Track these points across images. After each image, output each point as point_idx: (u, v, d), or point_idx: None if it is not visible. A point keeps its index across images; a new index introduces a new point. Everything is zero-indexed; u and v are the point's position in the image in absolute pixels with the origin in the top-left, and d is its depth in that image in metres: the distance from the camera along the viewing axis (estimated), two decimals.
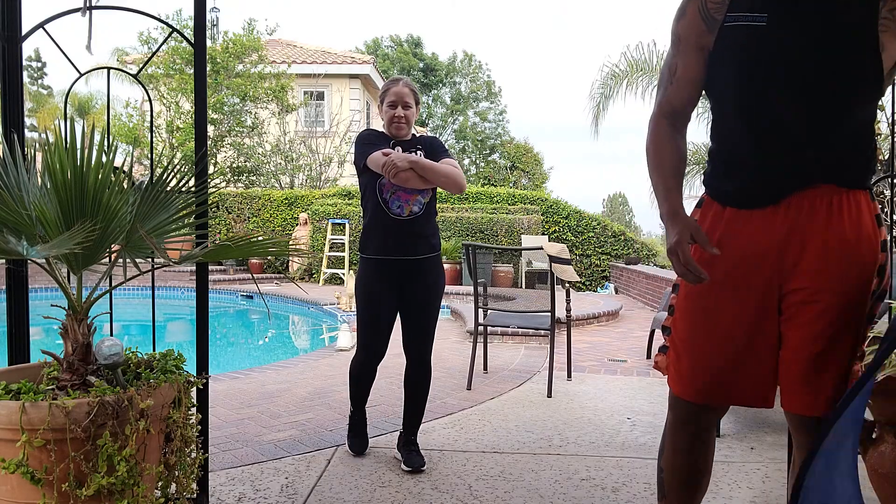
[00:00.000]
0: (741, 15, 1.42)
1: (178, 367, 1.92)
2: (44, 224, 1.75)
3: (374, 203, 2.77)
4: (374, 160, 2.71)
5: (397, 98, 2.79)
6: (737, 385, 1.53)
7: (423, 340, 2.91)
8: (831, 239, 1.42)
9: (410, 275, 2.81)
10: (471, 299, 6.79)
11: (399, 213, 2.75)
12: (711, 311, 1.53)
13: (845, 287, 1.42)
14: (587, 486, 2.61)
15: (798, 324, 1.46)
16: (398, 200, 2.75)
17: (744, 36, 1.43)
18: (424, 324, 2.89)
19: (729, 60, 1.46)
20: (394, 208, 2.75)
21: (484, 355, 4.86)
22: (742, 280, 1.50)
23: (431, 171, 2.72)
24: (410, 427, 2.93)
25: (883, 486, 1.93)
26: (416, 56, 33.37)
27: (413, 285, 2.82)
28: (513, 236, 11.96)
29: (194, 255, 1.96)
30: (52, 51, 34.87)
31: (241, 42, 13.73)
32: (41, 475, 1.58)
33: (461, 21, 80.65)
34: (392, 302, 2.84)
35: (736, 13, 1.43)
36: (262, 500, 2.45)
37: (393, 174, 2.64)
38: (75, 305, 1.79)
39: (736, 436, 3.27)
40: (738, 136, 1.50)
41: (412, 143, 2.86)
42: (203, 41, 2.24)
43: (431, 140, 2.92)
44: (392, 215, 2.74)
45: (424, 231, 2.82)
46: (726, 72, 1.47)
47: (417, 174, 2.69)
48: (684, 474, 1.66)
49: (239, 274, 11.82)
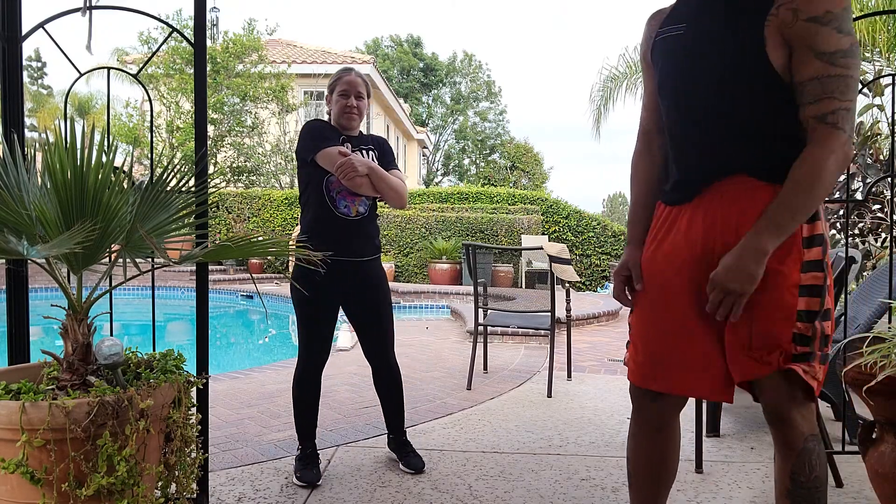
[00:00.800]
0: (667, 28, 1.61)
1: (178, 367, 1.92)
2: (44, 224, 1.75)
3: (319, 200, 2.63)
4: (327, 157, 2.57)
5: (350, 87, 2.66)
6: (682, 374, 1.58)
7: (386, 345, 2.81)
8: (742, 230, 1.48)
9: (357, 277, 2.68)
10: (471, 299, 6.79)
11: (346, 212, 2.64)
12: (656, 304, 1.62)
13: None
14: (587, 486, 2.61)
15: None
16: (344, 200, 2.64)
17: (665, 46, 1.60)
18: (385, 328, 2.79)
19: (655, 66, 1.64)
20: (341, 207, 2.63)
21: (484, 355, 4.86)
22: (677, 274, 1.58)
23: (384, 183, 2.63)
24: (397, 427, 2.88)
25: (883, 486, 1.94)
26: (416, 56, 33.35)
27: (363, 289, 2.70)
28: (513, 236, 11.96)
29: (194, 255, 1.96)
30: (52, 51, 34.90)
31: (241, 42, 13.74)
32: (41, 475, 1.58)
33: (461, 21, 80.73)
34: (336, 305, 2.71)
35: (664, 27, 1.62)
36: (262, 500, 2.45)
37: (350, 178, 2.53)
38: (75, 305, 1.79)
39: (736, 436, 3.27)
40: (668, 138, 1.65)
41: (362, 141, 2.74)
42: (203, 41, 2.25)
43: (382, 142, 2.81)
44: (339, 214, 2.63)
45: (371, 231, 2.72)
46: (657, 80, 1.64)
47: (371, 182, 2.60)
48: (641, 466, 1.70)
49: (239, 274, 11.82)
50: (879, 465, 1.94)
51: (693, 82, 1.54)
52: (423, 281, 12.05)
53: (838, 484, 2.59)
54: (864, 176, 5.15)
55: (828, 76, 1.40)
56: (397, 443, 2.87)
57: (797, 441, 1.47)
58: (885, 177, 3.41)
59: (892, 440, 1.93)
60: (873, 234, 5.33)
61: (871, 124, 5.38)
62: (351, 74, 2.69)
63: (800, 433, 1.47)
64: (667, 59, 1.60)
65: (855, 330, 2.98)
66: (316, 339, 2.70)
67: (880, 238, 5.31)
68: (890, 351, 1.89)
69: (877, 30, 6.15)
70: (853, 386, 1.97)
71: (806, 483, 1.47)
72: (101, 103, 23.60)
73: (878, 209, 5.36)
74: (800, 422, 1.47)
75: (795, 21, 1.41)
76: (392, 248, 12.38)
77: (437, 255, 11.79)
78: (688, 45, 1.55)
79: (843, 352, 2.19)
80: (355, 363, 5.11)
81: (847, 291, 2.64)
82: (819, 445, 1.49)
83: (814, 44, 1.40)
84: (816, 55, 1.40)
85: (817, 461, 1.48)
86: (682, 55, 1.56)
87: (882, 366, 1.86)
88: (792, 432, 1.48)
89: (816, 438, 1.49)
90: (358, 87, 2.68)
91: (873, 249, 5.20)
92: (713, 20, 1.53)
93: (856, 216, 5.38)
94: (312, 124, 2.69)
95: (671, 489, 1.77)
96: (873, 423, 2.03)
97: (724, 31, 1.50)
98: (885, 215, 5.27)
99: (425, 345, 6.08)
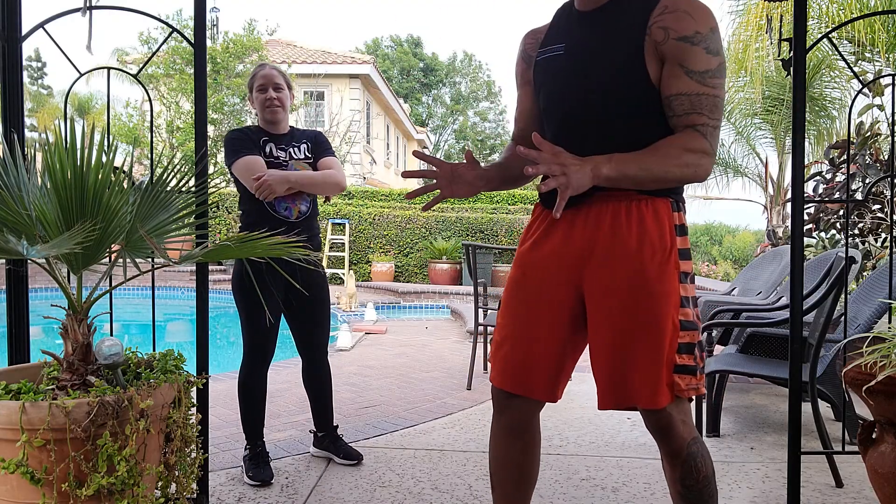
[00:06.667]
0: (547, 49, 1.64)
1: (178, 367, 1.92)
2: (44, 224, 1.75)
3: (257, 205, 2.60)
4: (242, 172, 2.55)
5: (266, 81, 2.65)
6: (531, 377, 1.61)
7: (322, 344, 2.81)
8: (615, 244, 1.51)
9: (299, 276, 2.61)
10: (471, 299, 6.79)
11: (287, 214, 2.61)
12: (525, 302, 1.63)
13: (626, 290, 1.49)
14: (587, 486, 2.61)
15: (592, 327, 1.55)
16: (284, 202, 2.62)
17: (546, 65, 1.63)
18: (322, 327, 2.80)
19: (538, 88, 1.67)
20: (280, 210, 2.61)
21: (484, 355, 4.86)
22: (548, 278, 1.60)
23: (314, 185, 2.62)
24: (328, 423, 2.87)
25: (883, 486, 1.93)
26: (416, 56, 33.36)
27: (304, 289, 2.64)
28: (513, 236, 11.96)
29: (194, 255, 1.96)
30: (52, 51, 34.89)
31: (242, 42, 13.73)
32: (41, 475, 1.58)
33: (461, 21, 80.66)
34: (279, 301, 2.68)
35: (544, 48, 1.65)
36: (262, 500, 2.44)
37: (269, 198, 2.53)
38: (75, 305, 1.79)
39: (736, 436, 3.27)
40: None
41: (293, 137, 2.72)
42: (203, 41, 2.24)
43: (315, 135, 2.79)
44: (280, 217, 2.60)
45: (312, 231, 2.70)
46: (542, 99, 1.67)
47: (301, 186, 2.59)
48: (500, 466, 1.71)
49: None
50: (879, 465, 1.94)
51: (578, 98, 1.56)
52: (423, 281, 12.04)
53: (838, 484, 2.59)
54: (864, 176, 5.15)
55: (696, 94, 1.45)
56: (332, 437, 2.87)
57: (681, 449, 1.51)
58: (886, 177, 3.41)
59: (892, 440, 1.92)
60: (873, 234, 5.33)
61: (871, 124, 5.38)
62: (266, 69, 2.69)
63: (682, 441, 1.51)
64: (551, 78, 1.62)
65: (855, 330, 2.98)
66: (261, 335, 2.67)
67: (880, 238, 5.31)
68: (890, 351, 1.89)
69: (876, 30, 6.16)
70: (853, 386, 1.97)
71: (695, 486, 1.52)
72: (101, 103, 23.60)
73: (878, 209, 5.36)
74: (681, 429, 1.50)
75: (667, 39, 1.46)
76: (392, 248, 12.38)
77: (437, 255, 11.79)
78: (569, 64, 1.58)
79: (843, 352, 2.19)
80: (355, 363, 5.11)
81: (847, 291, 2.64)
82: (701, 447, 1.53)
83: (683, 62, 1.45)
84: (686, 73, 1.45)
85: (702, 462, 1.52)
86: (566, 73, 1.58)
87: (882, 366, 1.86)
88: (675, 440, 1.51)
89: (697, 441, 1.53)
90: (274, 78, 2.67)
91: (873, 249, 5.20)
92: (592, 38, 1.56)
93: (856, 216, 5.38)
94: (230, 134, 2.67)
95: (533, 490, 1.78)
96: (873, 423, 2.02)
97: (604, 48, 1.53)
98: (885, 215, 5.26)
99: (425, 345, 6.08)
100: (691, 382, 1.50)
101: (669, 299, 1.48)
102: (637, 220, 1.51)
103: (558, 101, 1.60)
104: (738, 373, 3.21)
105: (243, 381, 2.71)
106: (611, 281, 1.51)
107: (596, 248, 1.54)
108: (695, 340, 1.51)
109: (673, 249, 1.51)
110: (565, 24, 1.64)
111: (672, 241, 1.52)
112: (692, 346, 1.51)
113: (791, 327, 2.24)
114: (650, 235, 1.50)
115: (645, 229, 1.50)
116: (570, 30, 1.62)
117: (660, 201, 1.52)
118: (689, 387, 1.49)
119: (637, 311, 1.48)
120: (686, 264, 1.53)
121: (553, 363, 1.60)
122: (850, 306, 3.26)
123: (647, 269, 1.49)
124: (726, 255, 21.41)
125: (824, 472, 2.69)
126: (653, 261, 1.49)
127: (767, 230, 9.32)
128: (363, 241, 12.42)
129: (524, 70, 1.74)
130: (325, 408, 2.88)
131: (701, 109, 1.45)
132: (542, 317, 1.60)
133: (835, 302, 2.67)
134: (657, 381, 1.47)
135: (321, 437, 2.89)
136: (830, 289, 2.68)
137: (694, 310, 1.53)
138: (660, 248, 1.50)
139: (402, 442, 3.17)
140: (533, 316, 1.60)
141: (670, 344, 1.48)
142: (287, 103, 2.70)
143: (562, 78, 1.59)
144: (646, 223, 1.51)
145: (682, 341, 1.49)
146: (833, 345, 3.06)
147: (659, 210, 1.52)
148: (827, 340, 3.01)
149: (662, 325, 1.48)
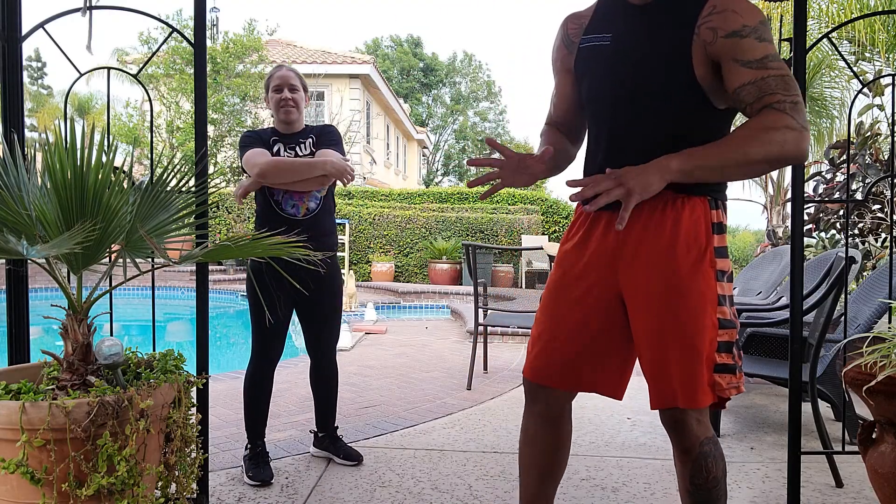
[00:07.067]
0: (592, 36, 1.63)
1: (178, 367, 1.92)
2: (44, 224, 1.75)
3: (265, 203, 2.64)
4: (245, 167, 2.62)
5: (282, 81, 2.68)
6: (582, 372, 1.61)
7: (330, 344, 2.82)
8: (647, 243, 1.51)
9: (309, 277, 2.59)
10: (471, 299, 6.79)
11: (294, 213, 2.63)
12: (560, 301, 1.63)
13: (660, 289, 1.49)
14: (587, 486, 2.61)
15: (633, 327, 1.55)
16: (292, 199, 2.62)
17: (590, 53, 1.62)
18: (331, 327, 2.79)
19: (581, 76, 1.66)
20: (287, 208, 2.62)
21: (484, 355, 4.86)
22: (584, 277, 1.60)
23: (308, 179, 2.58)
24: (330, 423, 2.87)
25: (883, 486, 1.93)
26: (416, 56, 33.36)
27: (314, 289, 2.64)
28: (513, 236, 11.95)
29: (194, 255, 1.96)
30: (52, 51, 34.89)
31: (242, 42, 13.73)
32: (41, 475, 1.58)
33: (461, 21, 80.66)
34: (289, 304, 2.68)
35: (589, 35, 1.64)
36: (262, 500, 2.45)
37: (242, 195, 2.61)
38: (75, 305, 1.79)
39: (736, 436, 3.27)
40: (590, 143, 1.67)
41: (302, 135, 2.73)
42: (203, 41, 2.24)
43: (322, 128, 2.79)
44: (286, 216, 2.62)
45: (323, 228, 2.69)
46: (581, 86, 1.67)
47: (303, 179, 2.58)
48: (529, 457, 1.70)
49: (239, 274, 11.81)
50: (879, 465, 1.94)
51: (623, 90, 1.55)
52: (423, 281, 12.05)
53: (838, 484, 2.59)
54: (864, 176, 5.15)
55: (761, 79, 1.43)
56: (332, 438, 2.87)
57: (693, 447, 1.51)
58: (886, 177, 3.41)
59: (892, 440, 1.92)
60: (873, 234, 5.33)
61: (870, 124, 5.38)
62: (282, 70, 2.73)
63: (695, 438, 1.50)
64: (596, 67, 1.60)
65: (855, 330, 2.98)
66: (270, 337, 2.67)
67: (880, 238, 5.31)
68: (890, 351, 1.89)
69: (876, 30, 6.16)
70: (853, 386, 1.97)
71: (704, 485, 1.52)
72: (101, 103, 23.59)
73: (878, 209, 5.36)
74: (695, 428, 1.50)
75: (716, 39, 1.46)
76: (392, 248, 12.38)
77: (437, 255, 11.79)
78: (615, 55, 1.57)
79: (843, 352, 2.19)
80: (355, 363, 5.11)
81: (847, 291, 2.64)
82: (715, 448, 1.53)
83: (738, 55, 1.45)
84: (744, 65, 1.44)
85: (713, 463, 1.52)
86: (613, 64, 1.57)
87: (882, 366, 1.86)
88: (688, 438, 1.51)
89: (712, 441, 1.52)
90: (290, 80, 2.70)
91: (873, 249, 5.20)
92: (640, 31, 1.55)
93: (856, 216, 5.38)
94: (243, 135, 2.72)
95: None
96: (873, 423, 2.02)
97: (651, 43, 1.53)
98: (885, 215, 5.27)
99: (425, 345, 6.08)
100: (731, 381, 1.49)
101: (706, 297, 1.48)
102: (672, 218, 1.51)
103: (602, 91, 1.59)
104: None
105: (250, 379, 2.72)
106: (645, 280, 1.51)
107: (627, 247, 1.54)
108: (733, 339, 1.50)
109: (708, 247, 1.50)
110: (612, 14, 1.62)
111: (708, 239, 1.51)
112: (731, 344, 1.50)
113: (791, 327, 2.24)
114: (685, 234, 1.49)
115: (679, 228, 1.50)
116: (617, 20, 1.60)
117: (697, 199, 1.52)
118: (729, 385, 1.49)
119: (672, 310, 1.48)
120: (723, 262, 1.52)
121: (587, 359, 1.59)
122: (850, 306, 3.26)
123: (680, 267, 1.48)
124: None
125: (824, 472, 2.69)
126: (687, 259, 1.48)
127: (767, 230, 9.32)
128: (363, 241, 12.42)
129: (565, 56, 1.71)
130: (328, 408, 2.88)
131: (772, 90, 1.42)
132: (575, 315, 1.60)
133: (835, 302, 2.67)
134: (698, 380, 1.46)
135: (321, 437, 2.89)
136: (830, 289, 2.68)
137: (731, 308, 1.52)
138: (695, 246, 1.49)
139: (402, 442, 3.17)
140: (566, 314, 1.61)
141: (710, 343, 1.47)
142: (301, 104, 2.74)
143: (607, 68, 1.58)
144: (681, 221, 1.50)
145: (722, 339, 1.48)
146: (833, 345, 3.06)
147: (696, 208, 1.51)
148: (827, 340, 3.01)
149: (700, 323, 1.47)
